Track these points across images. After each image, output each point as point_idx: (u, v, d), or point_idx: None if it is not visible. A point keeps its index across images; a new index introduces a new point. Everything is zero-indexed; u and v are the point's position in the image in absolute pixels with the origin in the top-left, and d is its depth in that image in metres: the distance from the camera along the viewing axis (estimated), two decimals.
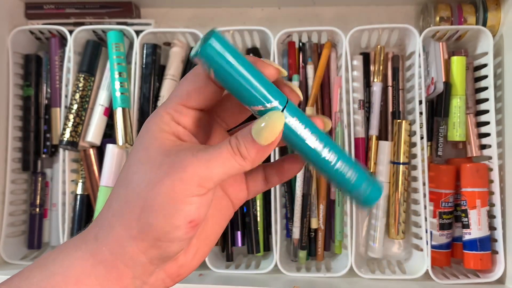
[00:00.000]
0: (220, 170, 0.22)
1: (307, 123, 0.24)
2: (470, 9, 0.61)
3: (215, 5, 0.69)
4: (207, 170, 0.22)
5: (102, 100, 0.62)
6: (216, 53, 0.22)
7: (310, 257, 0.63)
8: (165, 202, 0.22)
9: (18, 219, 0.65)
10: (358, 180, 0.25)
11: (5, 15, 0.64)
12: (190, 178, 0.22)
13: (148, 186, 0.22)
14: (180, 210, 0.22)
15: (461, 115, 0.59)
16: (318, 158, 0.24)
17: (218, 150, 0.22)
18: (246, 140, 0.22)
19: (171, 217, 0.22)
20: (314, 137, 0.24)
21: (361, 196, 0.26)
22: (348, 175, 0.25)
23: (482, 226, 0.56)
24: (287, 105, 0.23)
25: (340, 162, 0.25)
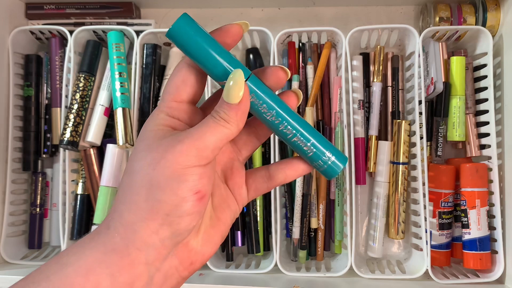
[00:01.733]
0: (212, 138, 0.24)
1: (269, 97, 0.26)
2: (470, 10, 0.61)
3: (215, 6, 0.69)
4: (201, 141, 0.24)
5: (102, 100, 0.62)
6: (182, 33, 0.25)
7: (310, 257, 0.63)
8: (169, 176, 0.23)
9: (19, 219, 0.65)
10: (315, 154, 0.28)
11: (5, 15, 0.64)
12: (189, 150, 0.23)
13: (150, 166, 0.23)
14: (185, 181, 0.23)
15: (461, 115, 0.59)
16: (276, 130, 0.27)
17: (205, 122, 0.25)
18: (222, 105, 0.25)
19: (178, 189, 0.23)
20: (273, 111, 0.26)
21: (319, 169, 0.28)
22: (305, 148, 0.28)
23: (482, 226, 0.57)
24: (251, 78, 0.26)
25: (297, 136, 0.27)
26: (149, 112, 0.61)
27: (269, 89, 0.27)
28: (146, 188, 0.23)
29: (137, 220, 0.23)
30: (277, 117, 0.27)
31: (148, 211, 0.23)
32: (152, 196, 0.23)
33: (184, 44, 0.25)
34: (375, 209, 0.61)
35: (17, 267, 0.61)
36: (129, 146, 0.59)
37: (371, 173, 0.63)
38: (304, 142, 0.27)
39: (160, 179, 0.23)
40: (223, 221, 0.28)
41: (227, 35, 0.26)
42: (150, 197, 0.23)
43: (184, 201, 0.23)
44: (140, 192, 0.23)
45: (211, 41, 0.25)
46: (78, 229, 0.62)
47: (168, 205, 0.23)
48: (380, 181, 0.61)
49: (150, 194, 0.23)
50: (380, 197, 0.61)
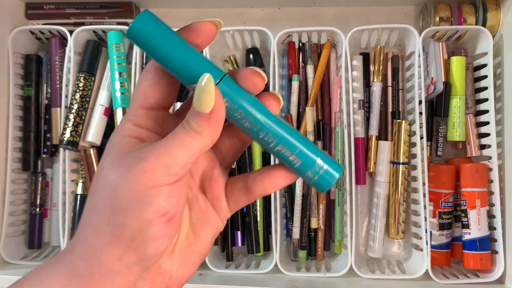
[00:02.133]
0: (182, 153, 0.21)
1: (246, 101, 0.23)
2: (470, 9, 0.61)
3: (215, 6, 0.69)
4: (169, 156, 0.21)
5: (102, 100, 0.62)
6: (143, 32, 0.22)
7: (310, 257, 0.63)
8: (132, 198, 0.21)
9: (18, 219, 0.65)
10: (303, 164, 0.24)
11: (5, 15, 0.64)
12: (154, 167, 0.21)
13: (112, 187, 0.21)
14: (150, 203, 0.21)
15: (461, 115, 0.59)
16: (257, 138, 0.24)
17: (174, 134, 0.22)
18: (193, 115, 0.22)
19: (142, 212, 0.21)
20: (250, 117, 0.23)
21: (309, 181, 0.24)
22: (290, 158, 0.24)
23: (482, 226, 0.56)
24: (225, 79, 0.23)
25: (281, 145, 0.24)
26: None
27: (246, 92, 0.23)
28: (108, 210, 0.21)
29: (99, 245, 0.21)
30: (255, 123, 0.23)
31: (111, 236, 0.21)
32: (114, 220, 0.21)
33: (145, 45, 0.22)
34: (375, 209, 0.61)
35: (17, 267, 0.61)
36: None
37: (371, 173, 0.63)
38: (289, 151, 0.24)
39: (122, 201, 0.21)
40: (202, 238, 0.25)
41: (198, 34, 0.23)
42: (112, 221, 0.21)
43: (149, 225, 0.21)
44: (102, 215, 0.21)
45: (176, 40, 0.22)
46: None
47: (132, 230, 0.21)
48: (380, 181, 0.61)
49: (112, 217, 0.21)
50: (380, 197, 0.61)
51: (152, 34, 0.22)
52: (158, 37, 0.22)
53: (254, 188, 0.26)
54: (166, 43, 0.22)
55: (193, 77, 0.22)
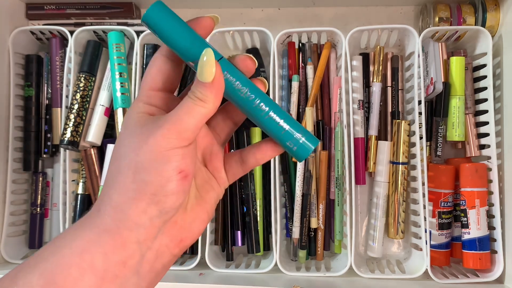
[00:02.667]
0: (191, 119, 0.25)
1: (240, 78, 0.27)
2: (469, 10, 0.62)
3: (215, 6, 0.69)
4: (180, 123, 0.25)
5: (102, 100, 0.62)
6: (157, 17, 0.26)
7: (310, 256, 0.63)
8: (153, 159, 0.24)
9: (19, 218, 0.65)
10: (288, 133, 0.28)
11: (6, 16, 0.64)
12: (170, 133, 0.24)
13: (135, 151, 0.25)
14: (169, 163, 0.24)
15: (460, 115, 0.59)
16: (250, 108, 0.27)
17: (183, 104, 0.25)
18: (197, 85, 0.25)
19: (162, 171, 0.24)
20: (246, 88, 0.27)
21: (290, 149, 0.28)
22: (279, 125, 0.28)
23: (481, 225, 0.57)
24: (222, 60, 0.27)
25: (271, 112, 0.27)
26: None
27: (240, 71, 0.28)
28: (132, 171, 0.24)
29: (125, 201, 0.24)
30: (251, 93, 0.27)
31: (136, 192, 0.24)
32: (138, 178, 0.24)
33: (158, 28, 0.26)
34: (375, 209, 0.61)
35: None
36: None
37: (371, 173, 0.63)
38: (278, 118, 0.27)
39: (145, 162, 0.24)
40: (207, 200, 0.29)
41: (199, 26, 0.27)
42: (136, 179, 0.24)
43: (169, 180, 0.24)
44: (127, 175, 0.25)
45: (183, 25, 0.27)
46: None
47: (154, 185, 0.24)
48: (380, 181, 0.61)
49: (136, 176, 0.24)
50: (380, 197, 0.61)
51: (164, 19, 0.26)
52: (169, 22, 0.26)
53: (248, 160, 0.30)
54: (175, 27, 0.26)
55: (196, 54, 0.26)
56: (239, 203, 0.62)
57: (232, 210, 0.62)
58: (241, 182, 0.61)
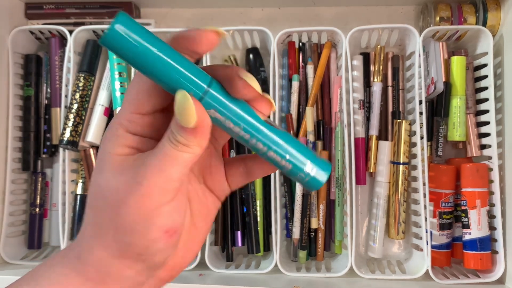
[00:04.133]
0: (174, 168, 0.21)
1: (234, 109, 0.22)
2: (470, 9, 0.61)
3: (215, 5, 0.69)
4: (163, 176, 0.21)
5: (102, 100, 0.62)
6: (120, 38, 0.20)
7: (310, 257, 0.63)
8: (135, 221, 0.21)
9: (18, 219, 0.65)
10: (294, 169, 0.24)
11: (5, 15, 0.64)
12: (151, 191, 0.21)
13: (114, 210, 0.22)
14: (153, 224, 0.21)
15: (461, 115, 0.59)
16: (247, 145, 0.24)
17: (162, 151, 0.21)
18: (177, 128, 0.21)
19: (146, 233, 0.22)
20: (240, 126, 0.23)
21: (301, 181, 0.25)
22: (282, 164, 0.24)
23: (482, 226, 0.56)
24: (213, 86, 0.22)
25: (271, 152, 0.23)
26: None
27: (234, 98, 0.22)
28: (113, 232, 0.22)
29: (108, 257, 0.22)
30: (245, 132, 0.23)
31: (119, 251, 0.22)
32: (120, 239, 0.22)
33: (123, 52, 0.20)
34: (376, 209, 0.61)
35: (16, 267, 0.61)
36: None
37: (372, 173, 0.63)
38: (278, 157, 0.24)
39: (126, 223, 0.21)
40: (201, 230, 0.26)
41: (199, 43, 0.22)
42: (118, 240, 0.22)
43: (155, 242, 0.22)
44: (108, 232, 0.22)
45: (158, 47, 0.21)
46: (77, 229, 0.61)
47: (139, 247, 0.22)
48: (381, 181, 0.61)
49: (118, 237, 0.22)
50: (381, 197, 0.61)
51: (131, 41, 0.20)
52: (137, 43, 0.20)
53: (255, 172, 0.27)
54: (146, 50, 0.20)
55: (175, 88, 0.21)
56: (239, 203, 0.61)
57: (232, 210, 0.62)
58: None
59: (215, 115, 0.22)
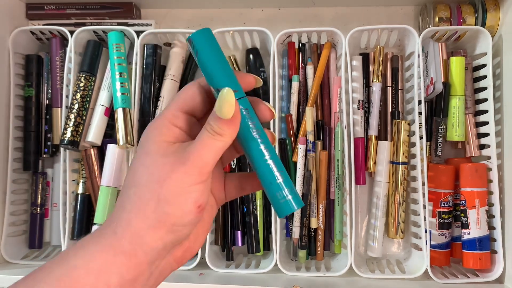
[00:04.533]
0: (210, 154, 0.26)
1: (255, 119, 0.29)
2: (469, 10, 0.62)
3: (215, 6, 0.69)
4: (201, 160, 0.26)
5: (103, 100, 0.62)
6: (201, 40, 0.29)
7: (310, 256, 0.63)
8: (176, 193, 0.26)
9: (19, 218, 0.65)
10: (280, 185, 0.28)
11: (6, 16, 0.64)
12: (192, 170, 0.26)
13: (158, 183, 0.26)
14: (190, 198, 0.26)
15: (460, 115, 0.59)
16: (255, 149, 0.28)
17: (201, 139, 0.27)
18: (215, 120, 0.27)
19: (184, 205, 0.26)
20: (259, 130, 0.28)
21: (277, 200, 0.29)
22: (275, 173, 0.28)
23: (481, 225, 0.57)
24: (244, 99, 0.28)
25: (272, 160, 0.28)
26: (150, 112, 0.61)
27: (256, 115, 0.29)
28: (155, 202, 0.26)
29: (145, 228, 0.26)
30: (260, 136, 0.28)
31: (156, 221, 0.26)
32: (160, 209, 0.26)
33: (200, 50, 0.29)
34: (375, 208, 0.61)
35: (17, 267, 0.62)
36: (129, 146, 0.59)
37: (371, 173, 0.63)
38: (275, 168, 0.28)
39: (168, 195, 0.26)
40: (207, 220, 0.31)
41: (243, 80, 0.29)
42: (158, 210, 0.26)
43: (188, 213, 0.26)
44: (149, 204, 0.26)
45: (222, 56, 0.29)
46: (78, 229, 0.62)
47: (175, 217, 0.26)
48: (380, 181, 0.61)
49: (158, 207, 0.26)
50: (380, 197, 0.61)
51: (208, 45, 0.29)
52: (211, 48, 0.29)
53: (246, 188, 0.32)
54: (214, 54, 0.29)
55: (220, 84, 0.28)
56: (239, 203, 0.62)
57: (232, 210, 0.62)
58: None
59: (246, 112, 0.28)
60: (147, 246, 0.26)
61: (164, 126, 0.28)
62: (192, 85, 0.29)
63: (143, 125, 0.61)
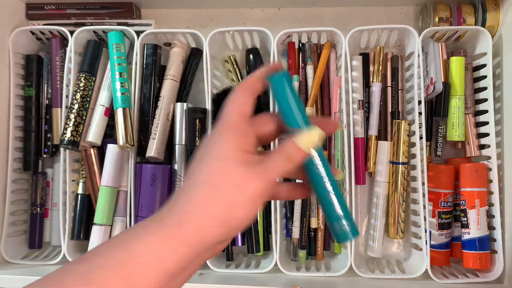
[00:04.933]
0: (279, 174, 0.31)
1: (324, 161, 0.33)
2: (469, 10, 0.62)
3: (215, 6, 0.69)
4: (273, 177, 0.30)
5: (102, 100, 0.62)
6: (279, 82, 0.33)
7: (309, 256, 0.63)
8: (248, 201, 0.29)
9: (19, 218, 0.66)
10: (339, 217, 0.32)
11: (6, 16, 0.64)
12: (265, 184, 0.30)
13: (234, 189, 0.29)
14: (256, 206, 0.30)
15: (460, 115, 0.59)
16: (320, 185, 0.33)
17: (275, 160, 0.31)
18: (293, 148, 0.31)
19: (251, 212, 0.29)
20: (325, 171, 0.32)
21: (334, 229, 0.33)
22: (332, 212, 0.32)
23: (481, 225, 0.57)
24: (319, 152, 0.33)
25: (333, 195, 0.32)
26: (149, 112, 0.61)
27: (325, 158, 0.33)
28: (227, 205, 0.29)
29: (210, 225, 0.29)
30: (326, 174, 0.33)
31: (223, 222, 0.29)
32: (230, 213, 0.29)
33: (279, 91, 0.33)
34: (375, 208, 0.61)
35: (17, 267, 0.62)
36: (129, 146, 0.59)
37: (371, 173, 0.63)
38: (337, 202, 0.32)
39: (240, 201, 0.29)
40: None
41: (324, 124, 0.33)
42: (228, 212, 0.29)
43: (251, 219, 0.30)
44: (220, 205, 0.29)
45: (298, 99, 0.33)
46: (78, 229, 0.62)
47: (240, 221, 0.29)
48: (380, 181, 0.61)
49: (229, 210, 0.29)
50: (380, 197, 0.61)
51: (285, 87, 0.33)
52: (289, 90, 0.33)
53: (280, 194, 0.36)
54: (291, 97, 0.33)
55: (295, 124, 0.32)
56: None
57: None
58: None
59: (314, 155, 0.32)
60: (209, 240, 0.29)
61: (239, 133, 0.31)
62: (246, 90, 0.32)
63: (143, 125, 0.61)
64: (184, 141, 0.61)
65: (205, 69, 0.61)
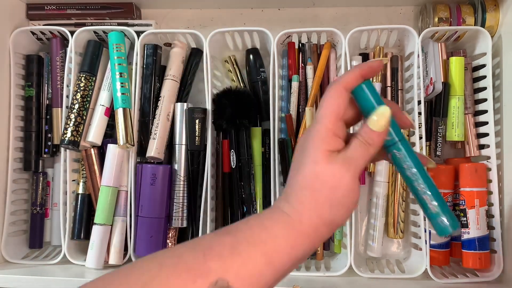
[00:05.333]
0: (364, 161, 0.33)
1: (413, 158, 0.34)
2: (469, 10, 0.62)
3: (215, 6, 0.69)
4: (359, 167, 0.32)
5: (103, 100, 0.62)
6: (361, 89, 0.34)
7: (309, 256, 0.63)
8: (345, 195, 0.32)
9: (20, 218, 0.66)
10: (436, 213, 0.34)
11: (6, 16, 0.64)
12: (355, 176, 0.32)
13: (330, 190, 0.32)
14: (354, 199, 0.32)
15: (460, 115, 0.60)
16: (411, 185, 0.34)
17: (355, 149, 0.33)
18: (367, 132, 0.33)
19: (350, 205, 0.32)
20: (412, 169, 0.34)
21: (434, 225, 0.34)
22: (429, 205, 0.34)
23: (481, 225, 0.57)
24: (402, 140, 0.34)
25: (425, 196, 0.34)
26: (149, 112, 0.61)
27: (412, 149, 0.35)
28: (328, 205, 0.32)
29: (321, 224, 0.32)
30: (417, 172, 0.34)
31: (329, 220, 0.32)
32: (333, 212, 0.32)
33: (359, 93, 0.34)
34: (375, 208, 0.62)
35: (18, 267, 0.62)
36: (129, 146, 0.59)
37: (371, 172, 0.63)
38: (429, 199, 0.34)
39: (340, 198, 0.32)
40: None
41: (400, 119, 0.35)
42: (331, 212, 0.32)
43: (351, 212, 0.33)
44: (324, 206, 0.32)
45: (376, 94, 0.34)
46: (78, 229, 0.62)
47: (343, 220, 0.33)
48: (380, 180, 0.61)
49: (332, 210, 0.32)
50: (380, 197, 0.61)
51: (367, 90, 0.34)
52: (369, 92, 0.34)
53: None
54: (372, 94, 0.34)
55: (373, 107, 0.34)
56: (239, 203, 0.62)
57: (232, 210, 0.62)
58: (241, 182, 0.61)
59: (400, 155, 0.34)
60: (320, 236, 0.33)
61: (329, 137, 0.33)
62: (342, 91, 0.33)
63: (143, 125, 0.61)
64: (184, 141, 0.61)
65: (205, 69, 0.61)
